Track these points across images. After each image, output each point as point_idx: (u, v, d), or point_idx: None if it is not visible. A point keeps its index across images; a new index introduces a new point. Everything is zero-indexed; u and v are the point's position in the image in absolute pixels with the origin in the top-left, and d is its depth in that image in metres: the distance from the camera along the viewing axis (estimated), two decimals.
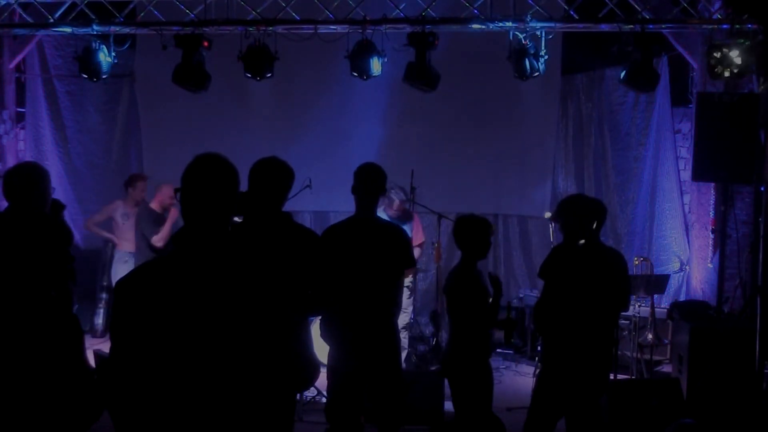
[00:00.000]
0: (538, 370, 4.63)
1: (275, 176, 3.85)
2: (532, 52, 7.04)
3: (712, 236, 7.73)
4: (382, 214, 7.13)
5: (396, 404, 4.59)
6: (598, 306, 4.43)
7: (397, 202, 7.06)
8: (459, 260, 4.57)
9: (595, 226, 4.57)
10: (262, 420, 2.35)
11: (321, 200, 7.91)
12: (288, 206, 8.24)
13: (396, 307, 4.64)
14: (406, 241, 4.65)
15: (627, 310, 4.86)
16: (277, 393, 2.45)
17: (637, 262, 7.21)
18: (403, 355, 7.17)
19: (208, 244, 2.36)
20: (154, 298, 2.27)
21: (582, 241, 4.53)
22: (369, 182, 4.53)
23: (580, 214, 4.52)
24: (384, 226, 4.72)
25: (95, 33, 7.60)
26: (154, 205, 7.16)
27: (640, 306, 7.02)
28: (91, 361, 2.83)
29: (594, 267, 4.48)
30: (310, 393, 6.14)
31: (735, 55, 6.64)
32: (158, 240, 6.89)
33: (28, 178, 4.03)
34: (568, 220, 4.55)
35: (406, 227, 7.21)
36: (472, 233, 4.47)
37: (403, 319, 6.82)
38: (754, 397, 5.77)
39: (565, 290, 4.44)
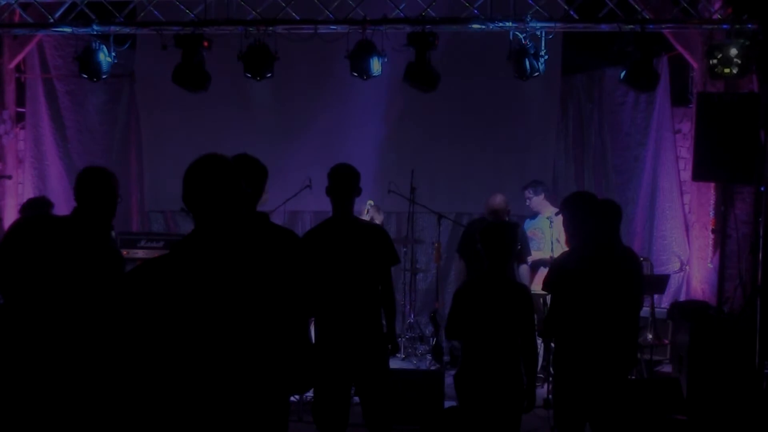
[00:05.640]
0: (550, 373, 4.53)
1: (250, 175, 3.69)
2: (532, 52, 7.04)
3: (712, 236, 7.72)
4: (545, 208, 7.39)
5: (385, 404, 4.55)
6: (607, 312, 4.27)
7: (540, 197, 7.54)
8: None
9: (611, 226, 4.48)
10: (258, 420, 2.35)
11: (321, 200, 7.85)
12: (288, 206, 8.19)
13: (380, 306, 4.56)
14: (389, 238, 4.63)
15: (640, 309, 4.70)
16: (276, 393, 2.44)
17: None
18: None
19: (208, 242, 2.36)
20: (152, 297, 2.28)
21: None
22: (344, 182, 4.52)
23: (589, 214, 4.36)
24: (365, 225, 4.71)
25: (95, 33, 7.60)
26: None
27: None
28: None
29: (604, 272, 4.31)
30: (310, 393, 6.14)
31: (735, 55, 6.64)
32: None
33: (100, 181, 3.88)
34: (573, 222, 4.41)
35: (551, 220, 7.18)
36: (498, 238, 4.34)
37: None
38: (754, 397, 5.78)
39: (573, 300, 4.30)
